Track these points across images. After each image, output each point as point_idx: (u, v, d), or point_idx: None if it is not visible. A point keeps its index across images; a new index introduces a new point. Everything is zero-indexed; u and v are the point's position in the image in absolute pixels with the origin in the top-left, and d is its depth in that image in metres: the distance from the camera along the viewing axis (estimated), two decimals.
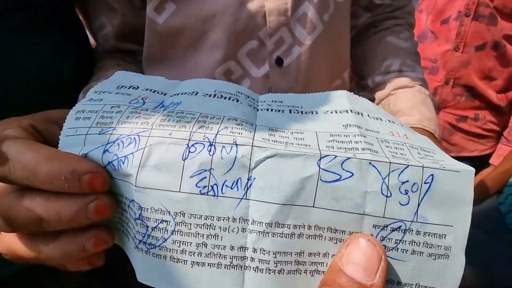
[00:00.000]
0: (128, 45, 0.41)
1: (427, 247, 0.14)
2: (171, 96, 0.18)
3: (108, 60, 0.40)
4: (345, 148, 0.15)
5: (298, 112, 0.18)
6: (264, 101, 0.20)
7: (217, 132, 0.15)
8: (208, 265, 0.14)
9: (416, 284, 0.14)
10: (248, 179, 0.14)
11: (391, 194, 0.14)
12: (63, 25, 0.38)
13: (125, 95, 0.18)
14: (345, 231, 0.14)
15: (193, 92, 0.18)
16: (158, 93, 0.19)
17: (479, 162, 0.88)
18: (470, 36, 0.74)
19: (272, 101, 0.19)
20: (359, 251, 0.13)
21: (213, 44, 0.33)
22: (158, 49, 0.36)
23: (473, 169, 0.14)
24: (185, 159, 0.14)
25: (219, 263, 0.14)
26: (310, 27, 0.33)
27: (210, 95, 0.18)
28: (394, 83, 0.39)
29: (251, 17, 0.31)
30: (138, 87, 0.19)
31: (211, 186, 0.14)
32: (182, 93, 0.18)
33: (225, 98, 0.18)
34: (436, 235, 0.14)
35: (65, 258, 0.15)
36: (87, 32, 0.44)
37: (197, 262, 0.14)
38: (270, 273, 0.14)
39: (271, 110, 0.18)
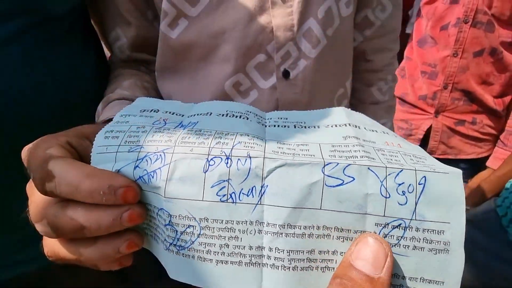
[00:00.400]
0: (142, 55, 0.42)
1: (427, 242, 0.15)
2: (188, 117, 0.20)
3: (123, 69, 0.41)
4: (345, 157, 0.16)
5: (302, 127, 0.20)
6: (271, 118, 0.21)
7: (232, 146, 0.17)
8: (230, 263, 0.16)
9: (420, 278, 0.15)
10: (262, 187, 0.16)
11: (389, 195, 0.15)
12: (81, 35, 0.40)
13: (148, 117, 0.20)
14: (350, 230, 0.15)
15: (208, 112, 0.20)
16: (176, 114, 0.21)
17: (476, 165, 0.90)
18: (468, 42, 0.76)
19: (278, 118, 0.21)
20: (368, 248, 0.14)
21: (223, 58, 0.34)
22: (171, 61, 0.38)
23: (460, 171, 0.16)
24: (206, 172, 0.16)
25: (240, 261, 0.16)
26: (314, 41, 0.35)
27: (223, 115, 0.20)
28: None
29: (259, 32, 0.33)
30: (158, 110, 0.21)
31: (229, 194, 0.16)
32: (198, 114, 0.20)
33: (236, 116, 0.20)
34: (434, 231, 0.15)
35: (102, 260, 0.17)
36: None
37: (220, 261, 0.16)
38: (285, 270, 0.16)
39: (278, 126, 0.20)
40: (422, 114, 0.89)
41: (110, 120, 0.28)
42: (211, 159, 0.16)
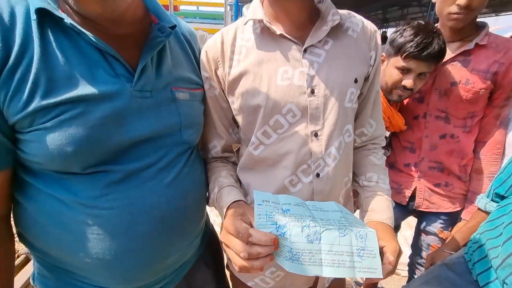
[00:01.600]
0: (227, 154, 0.72)
1: (370, 255, 0.46)
2: (282, 204, 0.49)
3: (215, 163, 0.71)
4: (343, 224, 0.46)
5: (323, 211, 0.50)
6: (309, 205, 0.51)
7: (309, 222, 0.45)
8: (312, 264, 0.43)
9: (370, 272, 0.44)
10: (320, 237, 0.44)
11: (357, 239, 0.45)
12: (196, 149, 0.68)
13: (269, 206, 0.48)
14: (354, 253, 0.44)
15: (289, 203, 0.49)
16: (276, 203, 0.49)
17: (453, 216, 1.15)
18: (433, 129, 1.06)
19: (312, 205, 0.52)
20: None
21: (284, 167, 0.63)
22: (251, 164, 0.66)
23: (374, 230, 0.46)
24: (302, 232, 0.44)
25: (315, 263, 0.43)
26: (333, 157, 0.63)
27: (297, 204, 0.49)
28: (374, 190, 0.69)
29: (304, 154, 0.62)
30: (269, 201, 0.49)
31: (311, 240, 0.44)
32: (285, 203, 0.49)
33: (301, 205, 0.50)
34: (370, 250, 0.45)
35: (258, 267, 0.43)
36: None
37: (309, 264, 0.43)
38: (327, 266, 0.43)
39: (314, 210, 0.50)
40: (408, 177, 1.16)
41: (236, 201, 0.55)
42: (303, 227, 0.44)
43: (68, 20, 0.42)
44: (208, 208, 0.71)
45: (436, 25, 1.04)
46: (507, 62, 0.93)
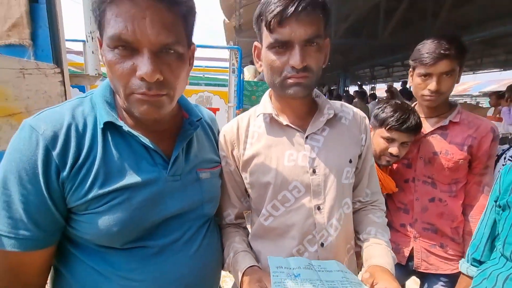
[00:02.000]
0: (239, 220, 0.81)
1: None
2: (293, 269, 0.56)
3: (229, 228, 0.79)
4: (344, 283, 0.54)
5: (327, 271, 0.58)
6: (315, 265, 0.59)
7: (318, 286, 0.52)
8: None
9: None
10: None
11: None
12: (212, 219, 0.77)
13: (282, 272, 0.55)
14: None
15: (299, 267, 0.56)
16: (288, 268, 0.56)
17: (454, 278, 1.17)
18: (422, 192, 1.16)
19: (317, 266, 0.59)
20: None
21: (291, 237, 0.71)
22: (261, 233, 0.74)
23: (368, 286, 0.54)
24: None
25: None
26: (335, 228, 0.72)
27: (304, 267, 0.57)
28: (372, 241, 0.75)
29: (309, 225, 0.70)
30: (282, 266, 0.56)
31: None
32: (295, 268, 0.56)
33: (309, 268, 0.57)
34: None
35: None
36: None
37: None
38: None
39: (320, 270, 0.57)
40: (405, 237, 1.22)
41: (251, 267, 0.62)
42: None
43: (125, 127, 0.55)
44: None
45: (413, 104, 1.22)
46: (479, 137, 1.08)
